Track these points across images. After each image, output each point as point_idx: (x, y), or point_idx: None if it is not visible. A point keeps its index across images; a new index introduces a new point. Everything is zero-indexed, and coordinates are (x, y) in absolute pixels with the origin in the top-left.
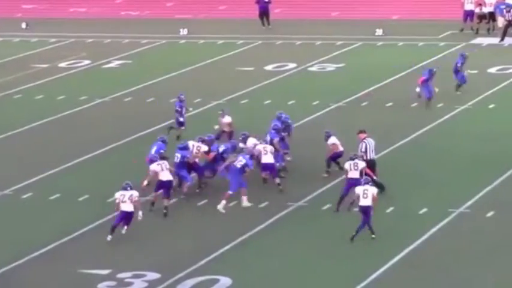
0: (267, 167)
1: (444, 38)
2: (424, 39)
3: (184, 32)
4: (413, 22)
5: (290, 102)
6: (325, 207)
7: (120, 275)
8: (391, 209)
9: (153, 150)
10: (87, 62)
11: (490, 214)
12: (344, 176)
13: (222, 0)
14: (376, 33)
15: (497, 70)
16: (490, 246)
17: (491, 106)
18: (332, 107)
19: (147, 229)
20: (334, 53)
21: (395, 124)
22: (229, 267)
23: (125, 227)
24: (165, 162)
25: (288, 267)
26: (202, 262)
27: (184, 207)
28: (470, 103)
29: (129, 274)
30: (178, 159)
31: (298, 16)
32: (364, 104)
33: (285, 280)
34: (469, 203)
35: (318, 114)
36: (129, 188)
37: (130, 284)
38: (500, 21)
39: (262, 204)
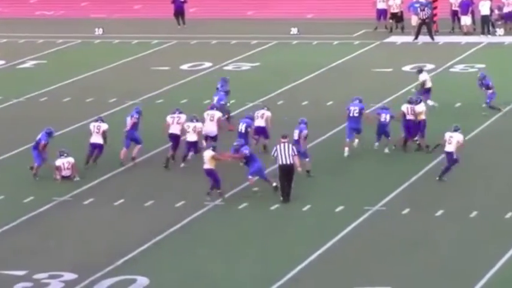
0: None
1: (358, 36)
2: (339, 38)
3: (99, 31)
4: (328, 21)
5: (206, 102)
6: (241, 206)
7: (37, 276)
8: (307, 207)
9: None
10: (1, 62)
11: (405, 211)
12: None
13: (136, 0)
14: (291, 32)
15: (411, 68)
16: (405, 243)
17: None
18: (248, 105)
19: (64, 229)
20: (250, 52)
21: (310, 122)
22: (146, 267)
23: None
24: (180, 116)
25: (205, 267)
26: (119, 262)
27: (100, 207)
28: (385, 101)
29: (45, 275)
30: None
31: (213, 15)
32: (280, 102)
33: (201, 279)
34: (385, 200)
35: (234, 113)
36: (195, 120)
37: (47, 284)
38: (414, 20)
39: (179, 204)
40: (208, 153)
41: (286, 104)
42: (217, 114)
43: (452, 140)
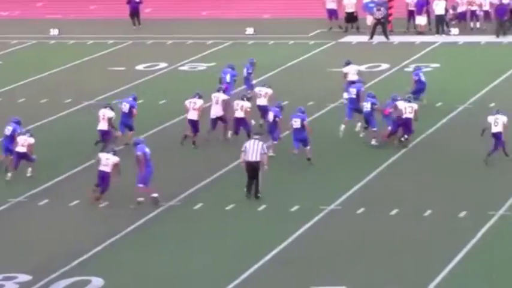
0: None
1: (314, 36)
2: (295, 38)
3: (54, 32)
4: (284, 21)
5: (161, 102)
6: (196, 207)
7: None
8: (263, 206)
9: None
10: None
11: (360, 211)
12: None
13: (92, 0)
14: (247, 32)
15: (367, 68)
16: (360, 243)
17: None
18: (206, 105)
19: (17, 231)
20: (205, 52)
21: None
22: (101, 268)
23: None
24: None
25: (160, 267)
26: (74, 263)
27: (55, 208)
28: (341, 100)
29: None
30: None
31: (168, 16)
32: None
33: (156, 280)
34: (340, 199)
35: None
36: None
37: (1, 286)
38: (369, 20)
39: (133, 205)
40: (109, 157)
41: None
42: (222, 96)
43: (499, 122)
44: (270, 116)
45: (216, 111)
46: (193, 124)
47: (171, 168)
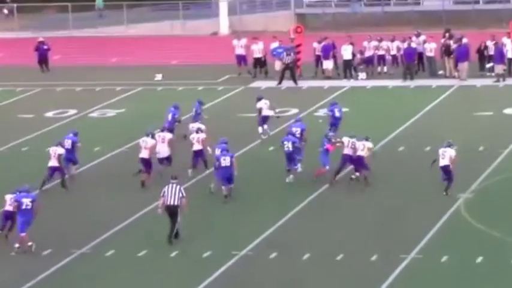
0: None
1: (223, 82)
2: (204, 84)
3: None
4: (193, 67)
5: None
6: (108, 254)
7: None
8: (175, 252)
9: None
10: None
11: (273, 255)
12: None
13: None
14: (156, 78)
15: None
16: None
17: (271, 148)
18: (115, 152)
19: None
20: (115, 99)
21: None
22: None
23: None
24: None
25: None
26: None
27: None
28: (251, 145)
29: None
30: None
31: (77, 62)
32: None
33: None
34: (253, 244)
35: (100, 160)
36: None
37: None
38: (278, 65)
39: (46, 252)
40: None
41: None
42: (168, 135)
43: (446, 155)
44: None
45: (163, 150)
46: (145, 163)
47: (82, 213)
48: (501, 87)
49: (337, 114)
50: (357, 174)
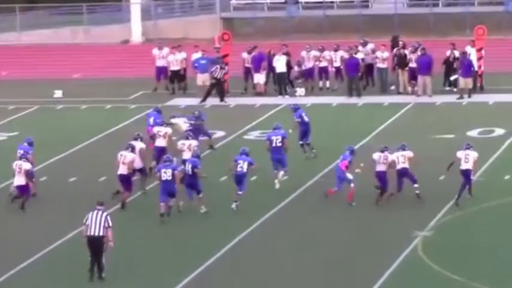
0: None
1: (135, 99)
2: (112, 101)
3: None
4: (99, 81)
5: None
6: None
7: None
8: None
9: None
10: None
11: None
12: None
13: None
14: (55, 95)
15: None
16: None
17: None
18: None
19: None
20: (6, 120)
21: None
22: None
23: None
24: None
25: None
26: None
27: None
28: None
29: None
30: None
31: None
32: (42, 178)
33: None
34: (207, 263)
35: None
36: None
37: None
38: (200, 79)
39: None
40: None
41: (49, 181)
42: (139, 145)
43: (469, 158)
44: (188, 168)
45: (136, 162)
46: (124, 180)
47: None
48: (465, 105)
49: (306, 119)
50: (415, 186)
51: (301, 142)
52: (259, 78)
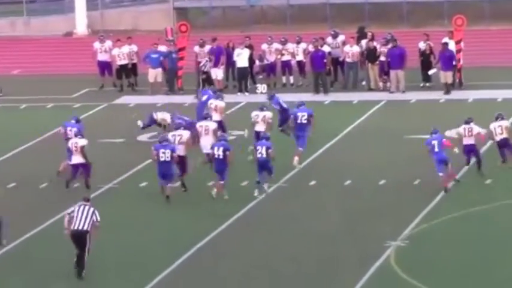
0: None
1: (80, 97)
2: (55, 100)
3: None
4: (40, 78)
5: None
6: None
7: None
8: None
9: None
10: None
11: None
12: None
13: None
14: None
15: (149, 138)
16: None
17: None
18: None
19: None
20: None
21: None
22: None
23: None
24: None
25: None
26: None
27: None
28: (120, 178)
29: None
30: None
31: None
32: None
33: None
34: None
35: None
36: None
37: None
38: (151, 75)
39: None
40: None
41: None
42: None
43: (503, 128)
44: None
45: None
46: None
47: None
48: (442, 102)
49: (284, 105)
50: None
51: (280, 128)
52: (217, 73)
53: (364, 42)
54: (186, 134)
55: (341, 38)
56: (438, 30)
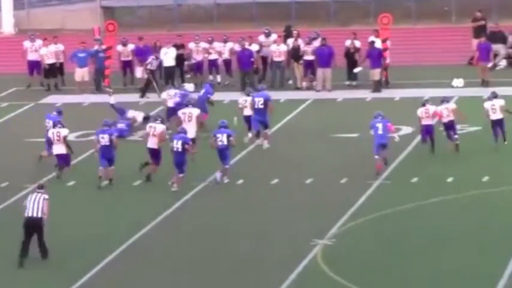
0: None
1: (7, 97)
2: None
3: None
4: None
5: None
6: None
7: None
8: None
9: None
10: None
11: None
12: None
13: None
14: None
15: (77, 137)
16: None
17: None
18: None
19: None
20: None
21: None
22: None
23: None
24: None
25: None
26: None
27: None
28: (44, 179)
29: None
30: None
31: None
32: None
33: None
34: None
35: None
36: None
37: None
38: (78, 74)
39: None
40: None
41: None
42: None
43: (496, 107)
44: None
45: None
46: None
47: None
48: (369, 101)
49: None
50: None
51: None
52: (143, 72)
53: (290, 41)
54: (160, 128)
55: (273, 37)
56: (365, 29)
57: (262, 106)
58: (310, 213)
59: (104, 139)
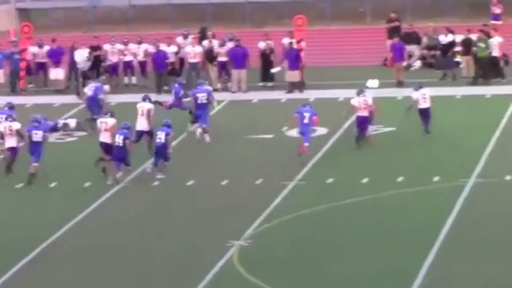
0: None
1: None
2: None
3: None
4: None
5: None
6: None
7: None
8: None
9: None
10: None
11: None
12: None
13: None
14: None
15: None
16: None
17: None
18: None
19: None
20: None
21: None
22: None
23: None
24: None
25: None
26: None
27: None
28: None
29: None
30: None
31: None
32: None
33: None
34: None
35: None
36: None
37: None
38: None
39: None
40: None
41: None
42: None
43: (427, 97)
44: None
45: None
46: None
47: None
48: (284, 102)
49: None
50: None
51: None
52: (58, 73)
53: (205, 42)
54: (111, 122)
55: (190, 38)
56: (280, 30)
57: (205, 101)
58: (226, 214)
59: (38, 135)
